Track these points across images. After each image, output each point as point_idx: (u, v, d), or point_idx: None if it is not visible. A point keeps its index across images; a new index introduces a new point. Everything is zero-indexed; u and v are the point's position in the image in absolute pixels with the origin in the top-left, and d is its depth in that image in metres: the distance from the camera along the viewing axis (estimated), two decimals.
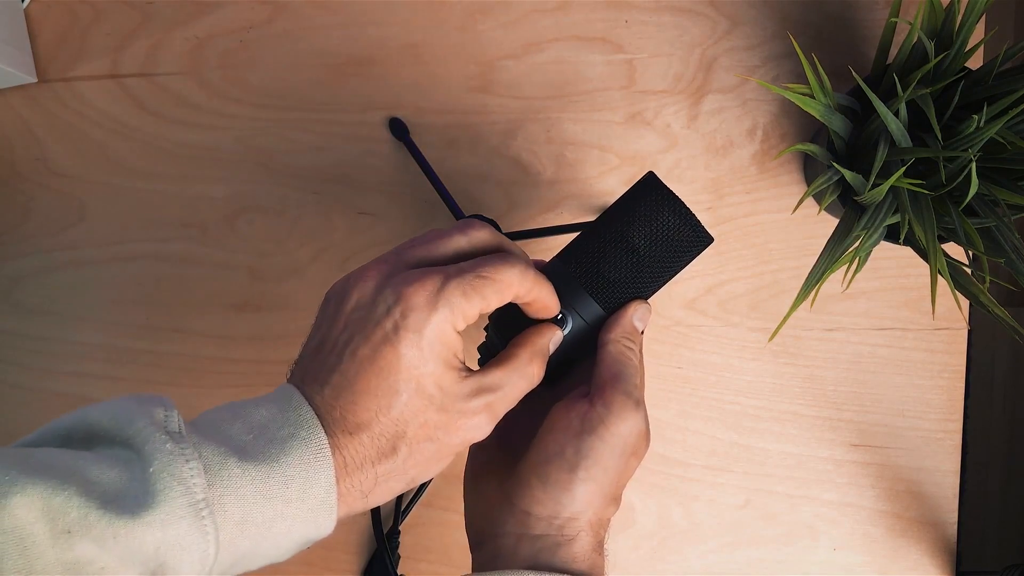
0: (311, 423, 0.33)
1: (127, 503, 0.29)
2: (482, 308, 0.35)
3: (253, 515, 0.31)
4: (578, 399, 0.38)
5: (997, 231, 0.45)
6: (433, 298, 0.34)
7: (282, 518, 0.32)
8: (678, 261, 0.40)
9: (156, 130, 0.57)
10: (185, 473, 0.30)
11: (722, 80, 0.57)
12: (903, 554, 0.57)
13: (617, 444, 0.36)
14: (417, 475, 0.36)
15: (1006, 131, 0.43)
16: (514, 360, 0.37)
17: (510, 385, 0.37)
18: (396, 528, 0.55)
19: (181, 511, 0.30)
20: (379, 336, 0.34)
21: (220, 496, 0.31)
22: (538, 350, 0.38)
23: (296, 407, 0.34)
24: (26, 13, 0.56)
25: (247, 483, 0.31)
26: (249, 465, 0.31)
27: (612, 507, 0.38)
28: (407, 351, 0.33)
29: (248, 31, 0.57)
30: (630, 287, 0.40)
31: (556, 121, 0.57)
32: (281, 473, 0.32)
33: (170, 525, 0.29)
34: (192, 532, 0.30)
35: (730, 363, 0.57)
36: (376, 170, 0.57)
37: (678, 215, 0.39)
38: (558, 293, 0.39)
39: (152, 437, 0.31)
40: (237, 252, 0.57)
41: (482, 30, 0.57)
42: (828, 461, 0.57)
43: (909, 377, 0.57)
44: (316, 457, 0.32)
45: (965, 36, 0.45)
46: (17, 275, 0.57)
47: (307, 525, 0.33)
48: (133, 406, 0.32)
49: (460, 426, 0.35)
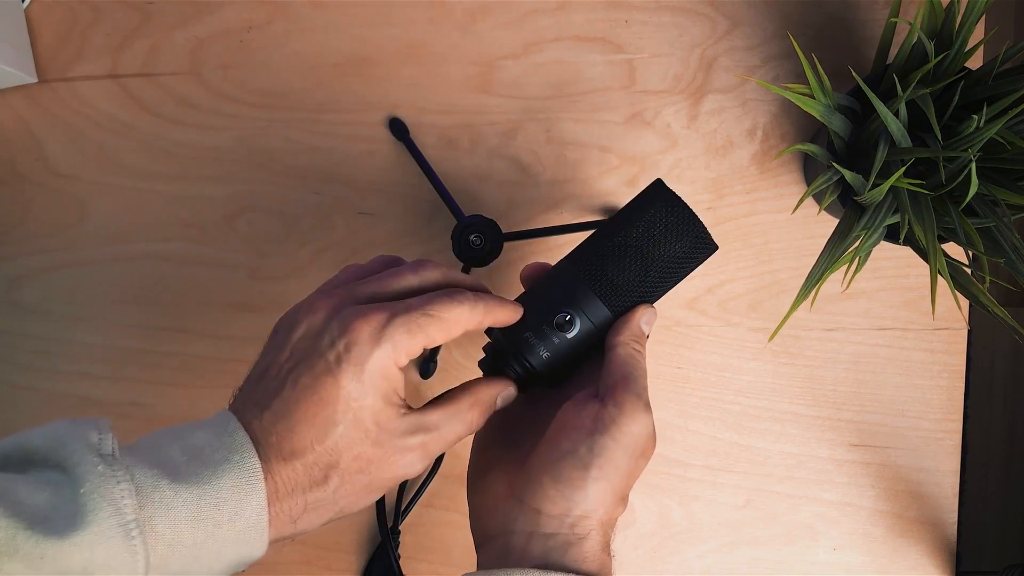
0: (245, 448, 0.34)
1: (56, 524, 0.29)
2: (426, 344, 0.36)
3: (184, 537, 0.32)
4: (589, 399, 0.38)
5: (997, 231, 0.45)
6: (377, 334, 0.35)
7: (213, 540, 0.32)
8: (684, 267, 0.42)
9: (156, 130, 0.57)
10: (116, 494, 0.30)
11: (722, 80, 0.57)
12: (903, 554, 0.57)
13: (628, 444, 0.37)
14: (347, 505, 0.36)
15: (1006, 131, 0.43)
16: (455, 404, 0.38)
17: (447, 428, 0.38)
18: (396, 528, 0.55)
19: (110, 531, 0.30)
20: (321, 367, 0.35)
21: (151, 517, 0.31)
22: (482, 399, 0.39)
23: (232, 432, 0.34)
24: (26, 13, 0.56)
25: (179, 505, 0.32)
26: (181, 487, 0.32)
27: (620, 507, 0.38)
28: (347, 383, 0.34)
29: (248, 31, 0.57)
30: (637, 291, 0.41)
31: (556, 121, 0.57)
32: (213, 496, 0.32)
33: (99, 545, 0.30)
34: (121, 552, 0.30)
35: (730, 363, 0.57)
36: (376, 170, 0.57)
37: (686, 222, 0.40)
38: (567, 294, 0.40)
39: (84, 460, 0.31)
40: (237, 252, 0.57)
41: (482, 30, 0.56)
42: (828, 461, 0.57)
43: (909, 377, 0.57)
44: (248, 481, 0.33)
45: (965, 36, 0.45)
46: (17, 275, 0.57)
47: (238, 547, 0.33)
48: (68, 428, 0.33)
49: (393, 462, 0.36)
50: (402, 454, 0.36)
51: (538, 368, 0.40)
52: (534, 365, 0.40)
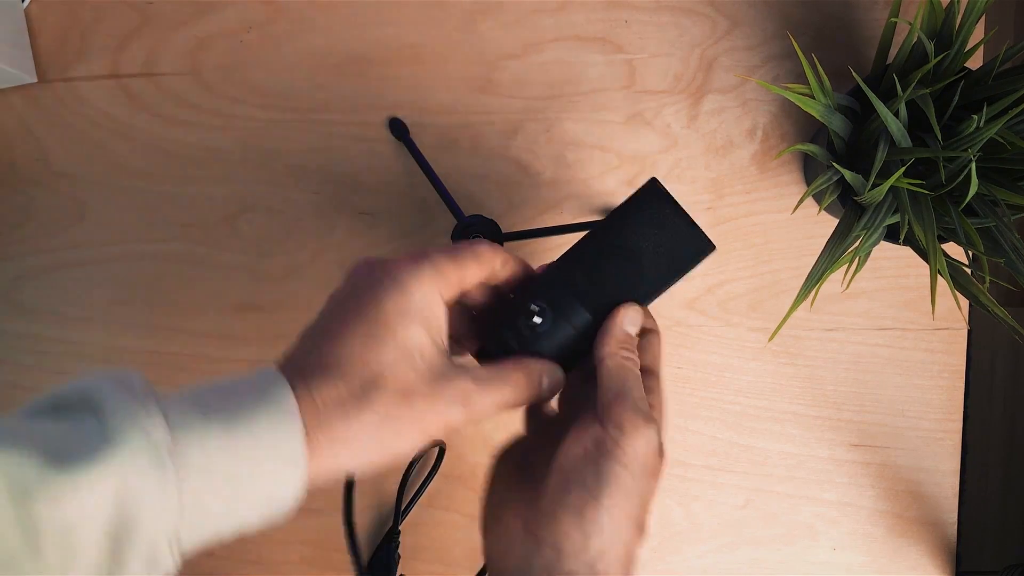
0: (280, 381, 0.33)
1: (83, 454, 0.29)
2: (462, 274, 0.36)
3: (217, 466, 0.31)
4: (590, 423, 0.37)
5: (997, 231, 0.45)
6: (418, 256, 0.35)
7: (249, 471, 0.31)
8: (679, 269, 0.40)
9: (156, 130, 0.57)
10: (145, 423, 0.30)
11: (722, 80, 0.57)
12: (903, 554, 0.57)
13: (636, 466, 0.35)
14: (390, 441, 0.34)
15: (1006, 131, 0.43)
16: (503, 366, 0.37)
17: (493, 387, 0.36)
18: (396, 528, 0.55)
19: (141, 454, 0.29)
20: (364, 287, 0.35)
21: (184, 448, 0.30)
22: (530, 369, 0.38)
23: (266, 371, 0.34)
24: (26, 13, 0.56)
25: (211, 435, 0.31)
26: (213, 417, 0.31)
27: (639, 536, 0.37)
28: (389, 301, 0.34)
29: (248, 31, 0.57)
30: (629, 295, 0.39)
31: (556, 121, 0.57)
32: (247, 424, 0.31)
33: (129, 466, 0.29)
34: (153, 478, 0.29)
35: (730, 363, 0.57)
36: (376, 170, 0.57)
37: (680, 223, 0.39)
38: (554, 300, 0.39)
39: (112, 395, 0.31)
40: (237, 252, 0.57)
41: (482, 30, 0.56)
42: (828, 461, 0.57)
43: (909, 377, 0.57)
44: (284, 410, 0.32)
45: (965, 36, 0.45)
46: (17, 275, 0.57)
47: (276, 479, 0.32)
48: (98, 374, 0.32)
49: (438, 402, 0.34)
50: (447, 398, 0.34)
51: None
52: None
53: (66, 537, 0.28)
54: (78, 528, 0.28)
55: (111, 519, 0.29)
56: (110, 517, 0.29)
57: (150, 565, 0.30)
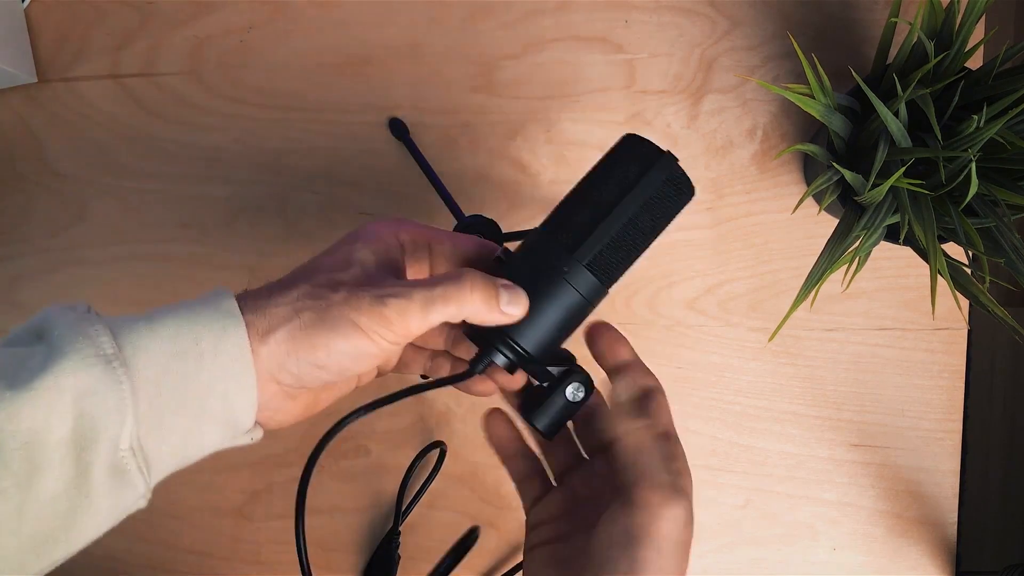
0: (222, 291, 0.34)
1: (37, 370, 0.29)
2: (424, 231, 0.38)
3: (168, 375, 0.31)
4: (617, 510, 0.35)
5: (997, 231, 0.45)
6: (390, 219, 0.38)
7: (197, 376, 0.32)
8: (659, 214, 0.37)
9: (156, 130, 0.57)
10: (91, 332, 0.30)
11: (722, 80, 0.57)
12: (903, 554, 0.57)
13: (668, 547, 0.34)
14: (319, 330, 0.33)
15: (1006, 131, 0.43)
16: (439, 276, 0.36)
17: (422, 285, 0.35)
18: (396, 528, 0.55)
19: (91, 361, 0.30)
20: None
21: (131, 355, 0.31)
22: (463, 276, 0.35)
23: (215, 289, 0.35)
24: (26, 13, 0.56)
25: (157, 342, 0.31)
26: (158, 325, 0.32)
27: None
28: (347, 235, 0.37)
29: (248, 31, 0.57)
30: (613, 244, 0.37)
31: (556, 121, 0.57)
32: (190, 330, 0.32)
33: (81, 372, 0.29)
34: (107, 382, 0.30)
35: (730, 363, 0.57)
36: (376, 170, 0.57)
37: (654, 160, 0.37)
38: (543, 264, 0.37)
39: (58, 315, 0.31)
40: (237, 252, 0.57)
41: (482, 30, 0.56)
42: (828, 461, 0.57)
43: (909, 377, 0.57)
44: (226, 314, 0.33)
45: (965, 36, 0.45)
46: (17, 275, 0.57)
47: (227, 384, 0.32)
48: (46, 308, 0.33)
49: (361, 291, 0.34)
50: (373, 294, 0.34)
51: (530, 351, 0.37)
52: (524, 348, 0.37)
53: (29, 448, 0.29)
54: (40, 438, 0.29)
55: (71, 428, 0.29)
56: (70, 426, 0.29)
57: (115, 473, 0.31)
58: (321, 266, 0.35)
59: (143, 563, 0.57)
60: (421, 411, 0.57)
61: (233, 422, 0.33)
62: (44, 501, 0.29)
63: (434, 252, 0.39)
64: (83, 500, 0.30)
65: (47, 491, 0.29)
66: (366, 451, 0.57)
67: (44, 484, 0.29)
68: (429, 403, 0.57)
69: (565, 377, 0.39)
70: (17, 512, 0.29)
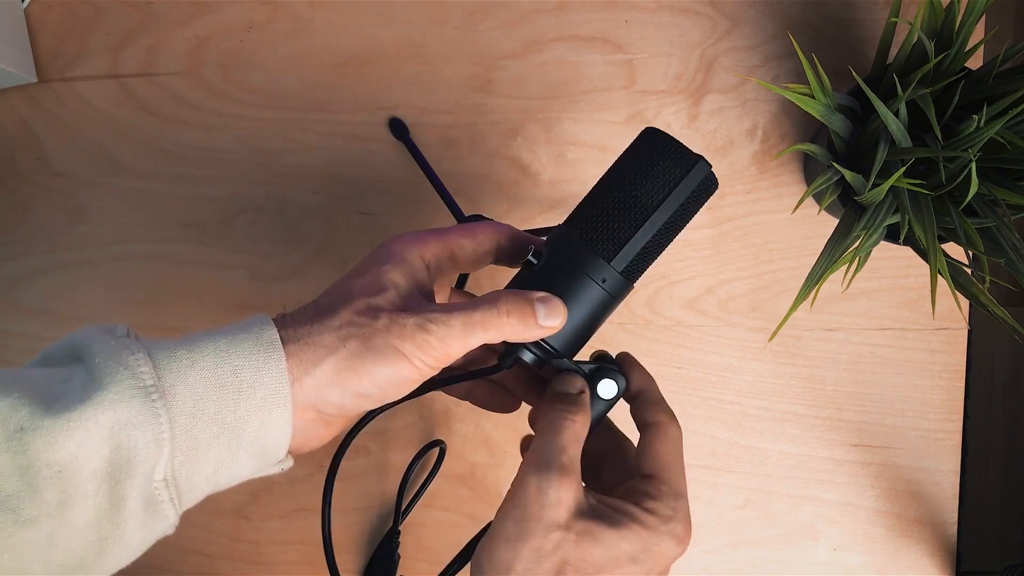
0: (263, 321, 0.34)
1: (75, 397, 0.29)
2: (446, 242, 0.38)
3: (206, 405, 0.31)
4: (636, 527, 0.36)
5: (997, 231, 0.45)
6: (412, 233, 0.38)
7: (235, 408, 0.32)
8: (688, 216, 0.39)
9: (156, 130, 0.57)
10: (131, 362, 0.30)
11: (722, 80, 0.57)
12: (903, 554, 0.57)
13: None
14: (361, 356, 0.33)
15: (1006, 131, 0.43)
16: (475, 299, 0.36)
17: (460, 309, 0.35)
18: (396, 528, 0.55)
19: (129, 392, 0.30)
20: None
21: (171, 385, 0.31)
22: (500, 299, 0.36)
23: (254, 316, 0.35)
24: (26, 13, 0.56)
25: (197, 372, 0.31)
26: (198, 355, 0.32)
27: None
28: (372, 255, 0.37)
29: (248, 31, 0.57)
30: (644, 243, 0.38)
31: (556, 121, 0.57)
32: (231, 363, 0.32)
33: (120, 404, 0.29)
34: (144, 413, 0.30)
35: (730, 363, 0.57)
36: (376, 170, 0.57)
37: (687, 166, 0.37)
38: (551, 240, 0.39)
39: (97, 339, 0.31)
40: (237, 252, 0.57)
41: (482, 30, 0.56)
42: (828, 461, 0.57)
43: (909, 377, 0.57)
44: (266, 348, 0.33)
45: (965, 36, 0.45)
46: (17, 275, 0.57)
47: (263, 416, 0.32)
48: (84, 327, 0.33)
49: (401, 318, 0.34)
50: (413, 321, 0.34)
51: (558, 349, 0.38)
52: (552, 346, 0.38)
53: (63, 477, 0.29)
54: (74, 468, 0.29)
55: (107, 460, 0.29)
56: (106, 458, 0.29)
57: (148, 505, 0.31)
58: (356, 290, 0.35)
59: (143, 563, 0.56)
60: (421, 411, 0.57)
61: (266, 454, 0.34)
62: (75, 530, 0.29)
63: (458, 260, 0.39)
64: (114, 531, 0.30)
65: (78, 521, 0.29)
66: (366, 451, 0.57)
67: (76, 514, 0.29)
68: (429, 403, 0.57)
69: (596, 374, 0.39)
70: (48, 541, 0.29)
